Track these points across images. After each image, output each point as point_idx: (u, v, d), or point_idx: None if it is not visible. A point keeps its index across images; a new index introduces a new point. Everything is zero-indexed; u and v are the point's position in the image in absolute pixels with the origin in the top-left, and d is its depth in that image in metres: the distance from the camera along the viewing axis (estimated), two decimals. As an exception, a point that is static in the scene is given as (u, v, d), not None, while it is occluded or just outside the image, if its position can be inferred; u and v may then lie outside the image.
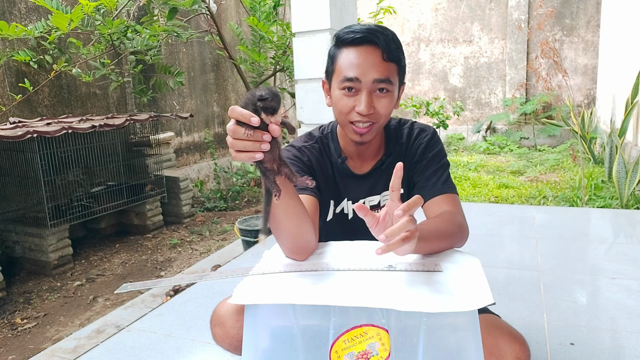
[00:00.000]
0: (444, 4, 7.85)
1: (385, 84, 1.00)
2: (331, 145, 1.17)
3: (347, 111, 1.02)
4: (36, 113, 3.57)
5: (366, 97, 0.99)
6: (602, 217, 3.09)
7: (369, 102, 0.99)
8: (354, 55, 0.99)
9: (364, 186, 1.16)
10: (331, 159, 1.16)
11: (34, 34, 3.22)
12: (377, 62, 0.99)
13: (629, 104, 4.60)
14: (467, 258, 0.92)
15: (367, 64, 0.99)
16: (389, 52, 0.99)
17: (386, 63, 1.00)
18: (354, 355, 0.75)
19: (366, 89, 1.00)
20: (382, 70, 0.99)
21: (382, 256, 0.82)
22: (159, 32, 3.78)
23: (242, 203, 4.70)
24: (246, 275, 0.87)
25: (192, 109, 5.17)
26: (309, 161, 1.12)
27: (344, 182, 1.15)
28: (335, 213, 1.17)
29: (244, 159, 0.70)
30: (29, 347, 2.23)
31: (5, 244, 3.16)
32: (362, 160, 1.15)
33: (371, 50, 0.99)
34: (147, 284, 0.90)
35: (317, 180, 1.11)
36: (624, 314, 1.76)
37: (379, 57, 0.99)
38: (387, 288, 0.78)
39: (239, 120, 0.68)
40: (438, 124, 7.20)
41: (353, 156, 1.15)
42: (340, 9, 2.90)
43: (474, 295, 0.74)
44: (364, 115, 1.00)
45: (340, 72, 1.01)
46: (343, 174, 1.15)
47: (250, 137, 0.68)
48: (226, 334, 0.97)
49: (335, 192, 1.16)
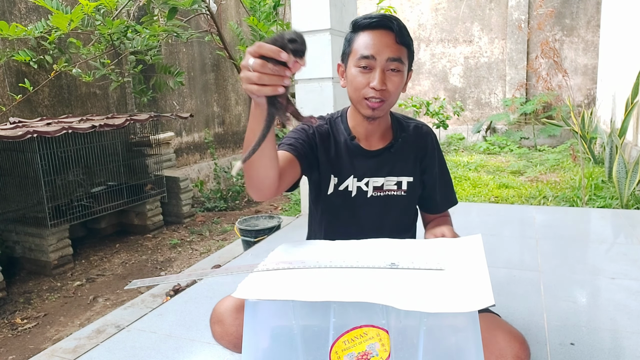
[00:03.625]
0: (444, 4, 7.85)
1: (397, 63, 1.10)
2: (340, 125, 1.25)
3: (362, 87, 1.11)
4: (36, 113, 3.57)
5: (380, 73, 1.09)
6: (602, 217, 3.09)
7: (382, 79, 1.09)
8: (370, 37, 1.11)
9: (371, 164, 1.22)
10: (339, 137, 1.24)
11: (34, 34, 3.22)
12: (391, 43, 1.10)
13: (629, 104, 4.60)
14: (472, 255, 0.92)
15: (382, 44, 1.09)
16: (402, 36, 1.10)
17: (398, 45, 1.10)
18: (353, 355, 0.75)
19: (380, 66, 1.10)
20: (395, 50, 1.10)
21: (385, 254, 0.90)
22: (159, 32, 3.79)
23: (242, 203, 4.70)
24: (251, 271, 0.87)
25: (192, 109, 5.17)
26: (313, 135, 1.21)
27: (351, 160, 1.22)
28: (339, 190, 1.22)
29: (267, 92, 0.77)
30: (29, 347, 2.23)
31: (6, 244, 3.17)
32: (370, 141, 1.23)
33: (386, 34, 1.10)
34: (156, 280, 0.92)
35: (317, 155, 1.20)
36: (624, 314, 1.76)
37: (393, 39, 1.10)
38: (388, 287, 0.78)
39: (266, 55, 0.75)
40: (438, 124, 7.20)
41: (361, 137, 1.23)
42: (340, 9, 2.90)
43: (474, 296, 0.74)
44: (377, 90, 1.10)
45: (357, 52, 1.12)
46: (352, 151, 1.22)
47: (276, 71, 0.75)
48: (225, 331, 0.99)
49: (340, 169, 1.22)
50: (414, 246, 0.98)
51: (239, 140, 6.02)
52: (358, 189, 1.21)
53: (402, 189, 1.23)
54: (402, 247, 0.97)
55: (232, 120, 5.90)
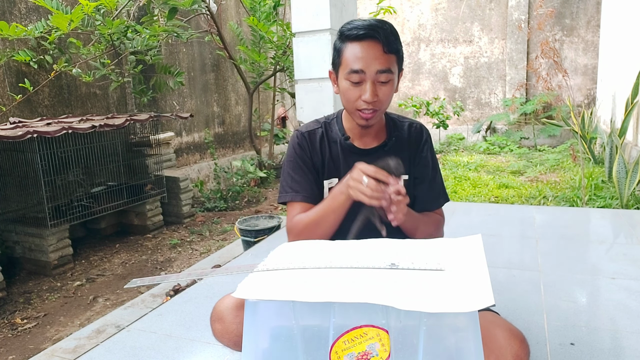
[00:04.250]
0: (444, 4, 7.85)
1: (386, 74, 1.12)
2: (335, 127, 1.30)
3: (354, 100, 1.15)
4: (36, 113, 3.57)
5: (371, 86, 1.12)
6: (602, 217, 3.09)
7: (373, 91, 1.12)
8: (357, 50, 1.12)
9: (365, 163, 1.22)
10: (334, 138, 1.29)
11: (34, 34, 3.22)
12: (378, 54, 1.11)
13: (629, 104, 4.60)
14: (472, 255, 0.92)
15: (370, 57, 1.11)
16: (389, 45, 1.11)
17: (387, 55, 1.12)
18: (353, 356, 0.75)
19: (370, 79, 1.12)
20: (384, 61, 1.11)
21: (385, 255, 0.94)
22: (159, 32, 3.79)
23: (242, 203, 4.70)
24: (251, 271, 0.88)
25: (192, 109, 5.17)
26: (306, 146, 1.29)
27: (346, 159, 1.26)
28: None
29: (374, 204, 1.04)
30: (29, 347, 2.23)
31: (6, 244, 3.17)
32: (364, 140, 1.27)
33: (373, 44, 1.11)
34: (156, 279, 0.92)
35: (313, 161, 1.28)
36: (624, 314, 1.76)
37: (380, 50, 1.11)
38: (388, 287, 0.78)
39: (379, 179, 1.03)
40: (438, 124, 7.20)
41: (355, 137, 1.27)
42: (340, 9, 2.90)
43: (474, 296, 0.74)
44: (369, 102, 1.13)
45: (347, 64, 1.13)
46: (347, 150, 1.27)
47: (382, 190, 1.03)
48: (225, 330, 1.00)
49: (336, 169, 1.27)
50: (414, 246, 0.98)
51: (239, 140, 6.02)
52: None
53: None
54: (401, 247, 0.98)
55: (232, 121, 5.90)
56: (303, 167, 1.27)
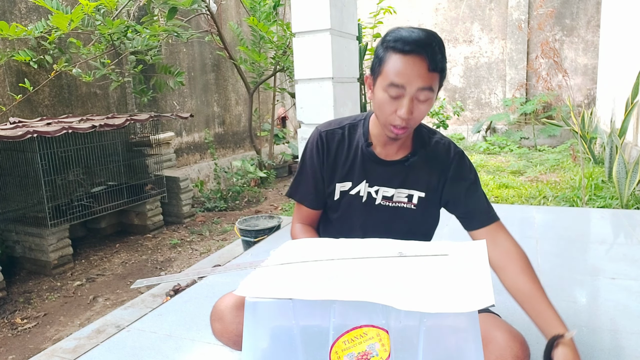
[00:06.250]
0: (444, 4, 7.85)
1: (427, 92, 1.05)
2: (360, 130, 1.25)
3: (389, 113, 1.08)
4: (36, 113, 3.57)
5: (408, 103, 1.05)
6: (602, 217, 3.09)
7: (410, 108, 1.05)
8: (400, 63, 1.04)
9: (383, 173, 1.22)
10: (356, 142, 1.24)
11: (34, 34, 3.22)
12: (422, 72, 1.03)
13: (629, 104, 4.60)
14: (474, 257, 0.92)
15: (413, 74, 1.03)
16: (434, 63, 1.04)
17: (430, 73, 1.04)
18: (353, 356, 0.75)
19: (409, 95, 1.05)
20: (427, 80, 1.04)
21: (392, 244, 0.95)
22: (159, 32, 3.79)
23: (242, 203, 4.70)
24: (255, 267, 0.88)
25: (192, 109, 5.17)
26: (320, 148, 1.25)
27: (364, 165, 1.22)
28: (350, 194, 1.24)
29: None
30: (29, 347, 2.23)
31: (6, 243, 3.17)
32: (387, 150, 1.22)
33: (418, 60, 1.03)
34: (160, 279, 0.92)
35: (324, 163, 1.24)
36: (624, 314, 1.76)
37: (425, 67, 1.03)
38: (389, 286, 0.78)
39: None
40: (438, 124, 7.20)
41: (379, 144, 1.22)
42: (341, 9, 2.90)
43: (474, 296, 0.74)
44: (404, 119, 1.07)
45: (387, 76, 1.06)
46: (366, 157, 1.22)
47: None
48: (225, 329, 1.00)
49: (352, 173, 1.23)
50: (419, 245, 0.99)
51: (239, 140, 6.02)
52: (368, 194, 1.22)
53: (412, 202, 1.22)
54: (407, 245, 0.98)
55: (232, 120, 5.90)
56: (308, 171, 1.26)
